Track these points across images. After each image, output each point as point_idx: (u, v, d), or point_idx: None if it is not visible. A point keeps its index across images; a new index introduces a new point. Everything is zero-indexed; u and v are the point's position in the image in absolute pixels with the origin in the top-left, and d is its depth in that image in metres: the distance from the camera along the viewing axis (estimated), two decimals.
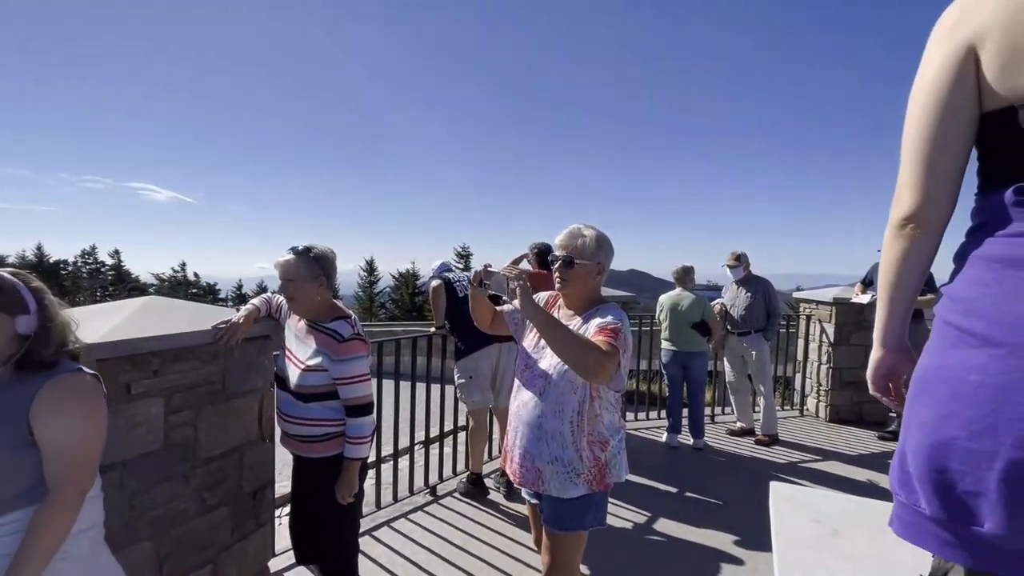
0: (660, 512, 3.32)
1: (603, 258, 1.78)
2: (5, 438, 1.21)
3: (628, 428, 4.87)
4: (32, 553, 1.17)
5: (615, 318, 1.69)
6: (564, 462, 1.69)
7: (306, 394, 1.91)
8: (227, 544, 2.08)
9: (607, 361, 1.57)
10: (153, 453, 1.79)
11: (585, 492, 1.70)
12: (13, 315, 1.24)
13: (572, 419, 1.70)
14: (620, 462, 1.79)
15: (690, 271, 4.67)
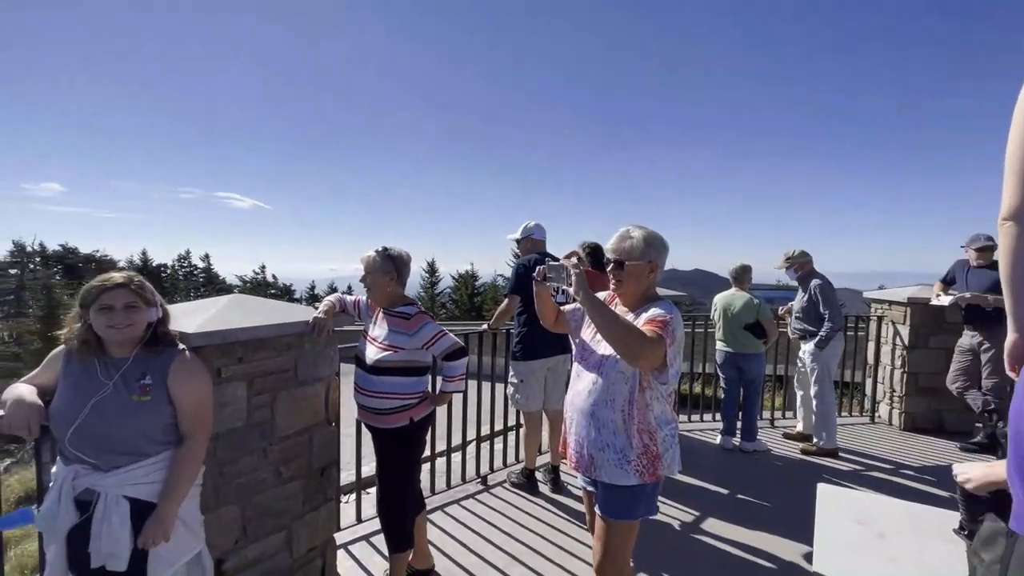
0: (708, 511, 3.31)
1: (654, 257, 1.85)
2: (159, 396, 1.62)
3: (682, 430, 4.82)
4: (182, 478, 1.63)
5: (666, 311, 1.77)
6: (616, 449, 1.77)
7: (380, 368, 2.25)
8: (299, 514, 2.35)
9: (650, 346, 1.65)
10: (238, 429, 2.08)
11: (637, 482, 1.77)
12: (149, 307, 1.64)
13: (624, 408, 1.77)
14: (672, 455, 1.83)
15: (747, 270, 4.54)
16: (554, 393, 3.62)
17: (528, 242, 3.62)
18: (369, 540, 2.91)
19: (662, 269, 1.90)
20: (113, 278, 1.61)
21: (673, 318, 1.75)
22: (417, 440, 2.40)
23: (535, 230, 3.62)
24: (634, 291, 1.87)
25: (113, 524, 1.55)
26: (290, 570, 2.32)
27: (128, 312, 1.58)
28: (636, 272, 1.84)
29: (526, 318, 3.47)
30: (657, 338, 1.67)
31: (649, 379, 1.77)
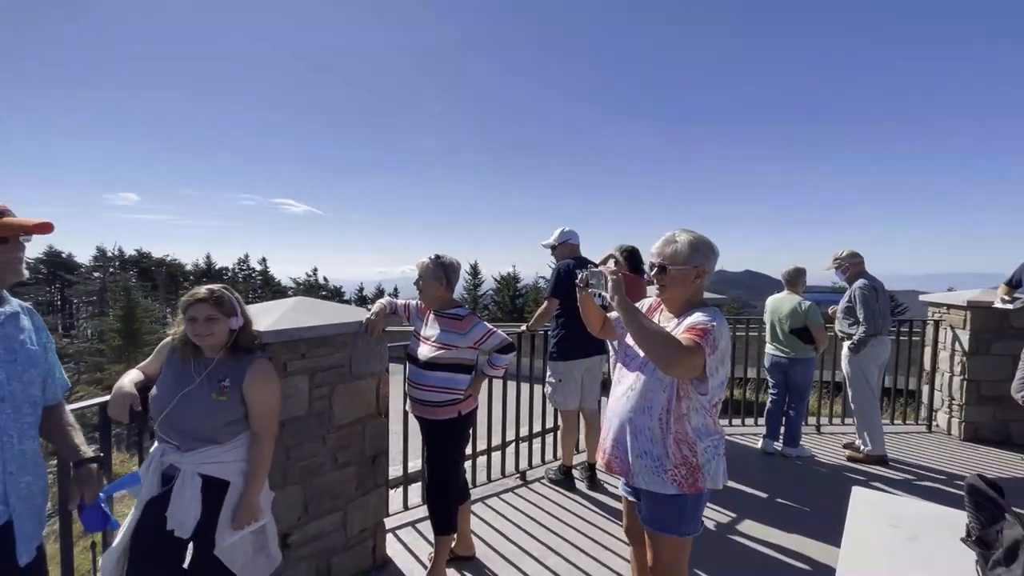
0: (744, 514, 3.32)
1: (701, 262, 1.79)
2: (234, 397, 1.85)
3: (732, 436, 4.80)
4: (256, 474, 1.90)
5: (709, 318, 1.70)
6: (652, 457, 1.74)
7: (433, 364, 2.44)
8: (353, 497, 2.58)
9: (686, 355, 1.60)
10: (301, 417, 2.32)
11: (676, 492, 1.73)
12: (229, 317, 1.87)
13: (661, 416, 1.73)
14: (716, 468, 1.75)
15: (800, 273, 4.41)
16: (590, 393, 3.72)
17: (565, 247, 3.74)
18: (415, 526, 3.12)
19: (710, 275, 1.83)
20: (197, 293, 1.86)
21: (716, 326, 1.67)
22: (463, 432, 2.59)
23: (570, 235, 3.74)
24: (679, 297, 1.82)
25: (186, 496, 1.80)
26: (345, 548, 2.56)
27: (208, 323, 1.82)
28: (681, 277, 1.79)
29: (564, 320, 3.59)
30: (695, 347, 1.62)
31: (687, 388, 1.72)
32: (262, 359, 1.94)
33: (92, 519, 1.53)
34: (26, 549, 1.34)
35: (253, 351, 1.94)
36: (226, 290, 1.90)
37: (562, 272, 3.58)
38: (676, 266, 1.79)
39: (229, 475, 1.86)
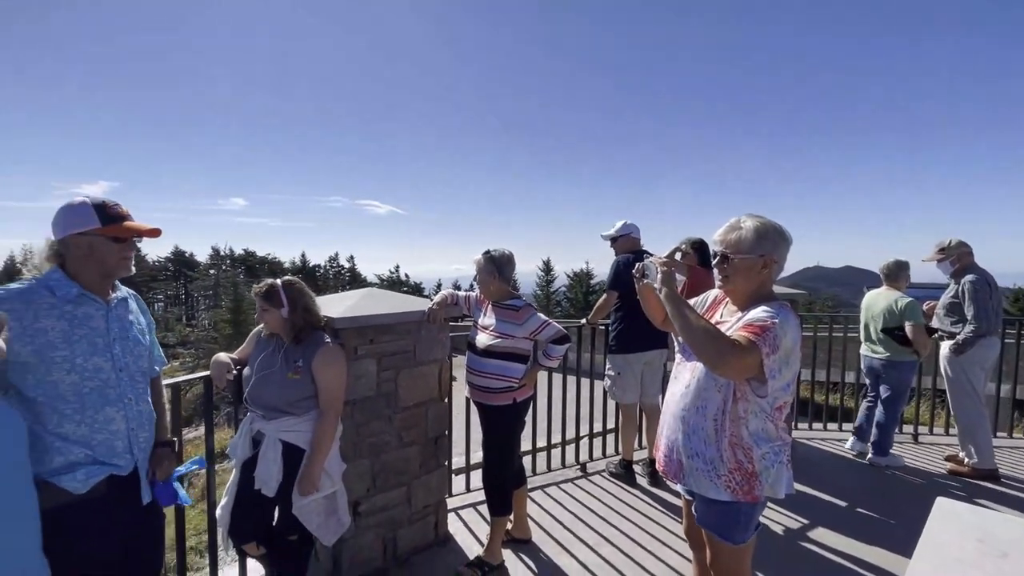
0: (818, 521, 3.12)
1: (769, 250, 1.64)
2: (306, 376, 2.09)
3: (807, 439, 4.52)
4: (319, 448, 2.10)
5: (771, 314, 1.56)
6: (705, 459, 1.65)
7: (490, 352, 2.56)
8: (416, 474, 2.77)
9: (736, 354, 1.48)
10: (369, 398, 2.54)
11: (729, 499, 1.63)
12: (277, 308, 2.11)
13: (716, 417, 1.63)
14: (777, 476, 1.62)
15: (902, 267, 3.99)
16: (651, 387, 3.67)
17: (626, 240, 3.70)
18: (476, 507, 3.27)
19: (780, 265, 1.68)
20: (255, 288, 2.16)
21: (777, 323, 1.53)
22: (519, 419, 2.70)
23: (631, 228, 3.69)
24: (743, 288, 1.68)
25: (269, 459, 2.07)
26: (409, 521, 2.75)
27: (263, 313, 2.13)
28: (745, 267, 1.64)
29: (623, 314, 3.57)
30: (748, 345, 1.49)
31: (745, 390, 1.60)
32: (329, 344, 2.16)
33: (163, 494, 1.70)
34: (146, 492, 1.62)
35: (321, 335, 2.17)
36: (286, 285, 2.14)
37: (621, 265, 3.56)
38: (740, 255, 1.64)
39: (304, 443, 2.10)
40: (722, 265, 1.69)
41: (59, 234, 1.49)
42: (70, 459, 1.43)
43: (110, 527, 1.52)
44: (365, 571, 2.57)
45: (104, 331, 1.53)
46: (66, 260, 1.51)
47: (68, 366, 1.43)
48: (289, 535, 2.17)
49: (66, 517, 1.43)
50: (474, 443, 3.42)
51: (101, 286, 1.55)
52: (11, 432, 1.28)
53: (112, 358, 1.53)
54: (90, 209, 1.49)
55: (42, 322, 1.42)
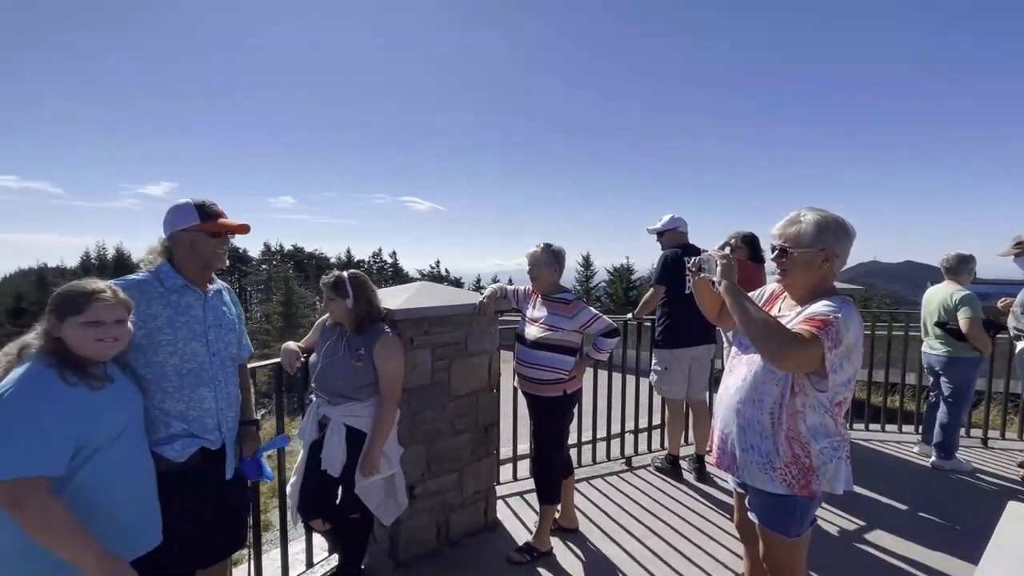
0: (876, 524, 3.03)
1: (830, 244, 1.61)
2: (368, 364, 2.22)
3: (868, 441, 4.37)
4: (378, 432, 2.22)
5: (833, 309, 1.54)
6: (761, 452, 1.64)
7: (541, 344, 2.63)
8: (468, 461, 2.87)
9: (798, 347, 1.47)
10: (424, 386, 2.66)
11: (785, 492, 1.62)
12: (343, 298, 2.23)
13: (773, 411, 1.62)
14: (835, 471, 1.61)
15: (965, 261, 3.78)
16: (698, 383, 3.64)
17: (673, 234, 3.68)
18: (523, 496, 3.36)
19: (842, 259, 1.65)
20: (323, 279, 2.29)
21: (839, 318, 1.51)
22: (567, 410, 2.77)
23: (679, 222, 3.66)
24: (802, 283, 1.66)
25: (334, 442, 2.21)
26: (460, 506, 2.86)
27: (329, 303, 2.26)
28: (805, 261, 1.62)
29: (670, 308, 3.56)
30: (810, 338, 1.48)
31: (804, 384, 1.58)
32: (389, 334, 2.29)
33: (250, 469, 1.88)
34: (230, 467, 1.79)
35: (381, 326, 2.29)
36: (351, 277, 2.27)
37: (669, 259, 3.54)
38: (800, 248, 1.62)
39: (365, 427, 2.24)
40: (780, 259, 1.67)
41: (168, 230, 1.68)
42: (170, 432, 1.61)
43: (201, 494, 1.70)
44: (419, 552, 2.70)
45: (201, 319, 1.70)
46: (173, 254, 1.69)
47: (171, 349, 1.60)
48: (351, 513, 2.31)
49: (166, 482, 1.61)
50: (521, 434, 3.51)
51: (201, 277, 1.72)
52: (138, 404, 1.52)
53: (207, 343, 1.70)
54: (192, 208, 1.66)
55: (152, 309, 1.60)
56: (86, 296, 1.41)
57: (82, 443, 1.36)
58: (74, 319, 1.39)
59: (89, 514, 1.36)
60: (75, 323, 1.39)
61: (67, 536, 1.28)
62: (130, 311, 1.48)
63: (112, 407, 1.43)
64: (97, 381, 1.40)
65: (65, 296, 1.42)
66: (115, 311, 1.44)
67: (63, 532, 1.27)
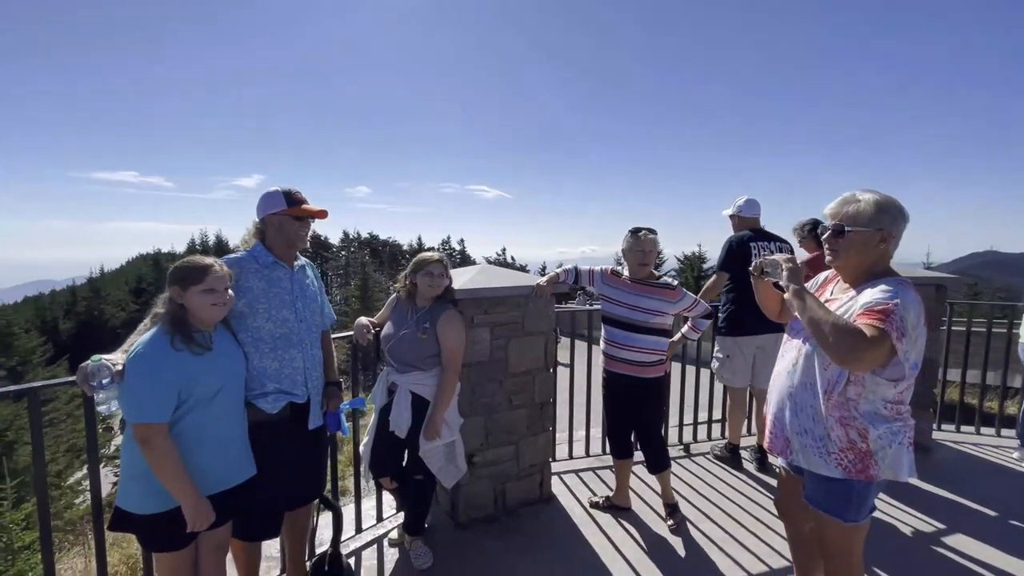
0: (956, 527, 2.84)
1: (887, 224, 1.59)
2: (432, 337, 2.40)
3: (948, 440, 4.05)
4: (441, 400, 2.39)
5: (890, 294, 1.49)
6: (814, 436, 1.63)
7: (647, 328, 2.77)
8: (524, 435, 3.02)
9: (867, 347, 1.42)
10: (483, 362, 2.82)
11: (841, 476, 1.60)
12: (447, 277, 2.44)
13: (827, 394, 1.60)
14: (896, 457, 1.57)
15: None
16: (762, 371, 3.53)
17: (739, 219, 3.57)
18: (578, 474, 3.47)
19: (896, 241, 1.62)
20: (433, 257, 2.47)
21: (899, 303, 1.46)
22: (665, 386, 3.00)
23: (744, 207, 3.55)
24: (857, 264, 1.63)
25: (401, 406, 2.42)
26: (516, 477, 3.02)
27: (439, 278, 2.42)
28: (861, 241, 1.59)
29: (734, 295, 3.47)
30: (878, 335, 1.43)
31: (862, 376, 1.56)
32: (452, 310, 2.47)
33: (331, 422, 2.14)
34: (314, 420, 2.05)
35: (447, 304, 2.48)
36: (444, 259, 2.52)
37: (734, 245, 3.45)
38: (857, 227, 1.59)
39: (429, 395, 2.44)
40: (834, 239, 1.64)
41: (260, 214, 1.94)
42: (265, 388, 1.88)
43: (288, 442, 1.97)
44: (478, 516, 2.89)
45: (289, 290, 1.96)
46: (265, 235, 1.95)
47: (266, 316, 1.87)
48: (416, 474, 2.53)
49: (259, 430, 1.89)
50: (578, 420, 3.61)
51: (287, 255, 1.98)
52: (239, 365, 1.82)
53: (295, 311, 1.95)
54: (280, 195, 1.92)
55: (250, 282, 1.87)
56: (203, 269, 1.69)
57: (183, 398, 1.64)
58: (195, 288, 1.67)
59: (191, 452, 1.66)
60: (196, 291, 1.67)
61: (175, 476, 1.59)
62: (232, 281, 1.75)
63: (209, 370, 1.69)
64: (199, 348, 1.67)
65: (187, 269, 1.70)
66: (224, 281, 1.72)
67: (173, 472, 1.59)
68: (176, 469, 1.60)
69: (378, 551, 2.66)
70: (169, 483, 1.60)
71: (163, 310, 1.69)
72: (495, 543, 2.71)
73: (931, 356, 3.84)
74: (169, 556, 1.71)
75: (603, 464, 3.63)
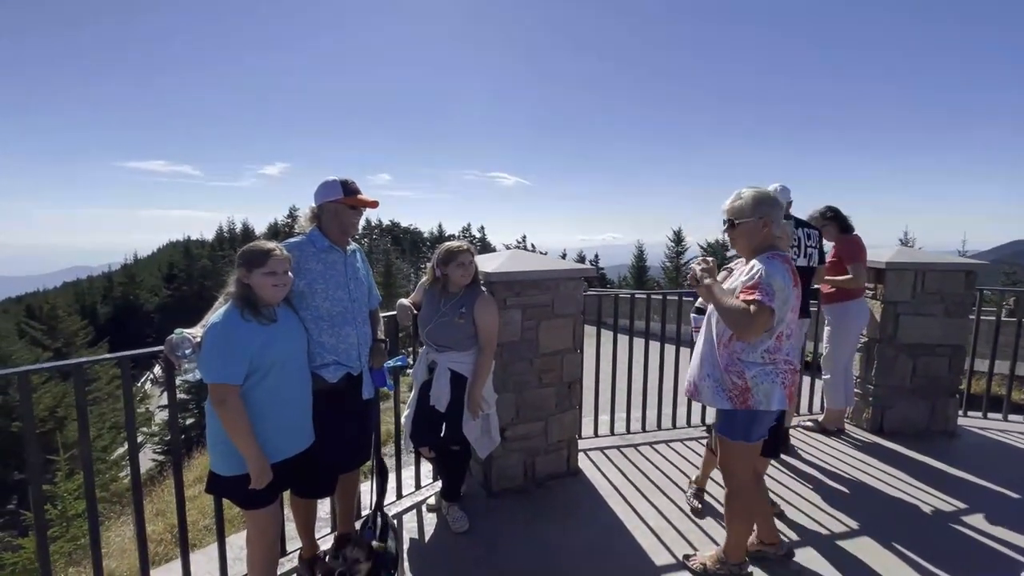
0: (978, 507, 2.91)
1: (765, 212, 2.04)
2: (468, 320, 2.55)
3: (975, 427, 4.07)
4: (478, 377, 2.55)
5: (756, 268, 1.95)
6: (714, 379, 2.13)
7: None
8: (552, 413, 3.17)
9: (752, 320, 1.88)
10: (515, 343, 2.98)
11: (729, 407, 2.09)
12: (472, 263, 2.55)
13: (719, 348, 2.10)
14: (768, 392, 2.03)
15: None
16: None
17: None
18: (604, 451, 3.62)
19: (776, 225, 2.05)
20: (461, 246, 2.59)
21: (763, 273, 1.92)
22: None
23: (780, 194, 3.60)
24: (747, 245, 2.09)
25: (441, 382, 2.59)
26: (545, 452, 3.19)
27: (468, 265, 2.55)
28: (748, 229, 2.07)
29: None
30: (756, 307, 1.88)
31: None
32: (486, 295, 2.62)
33: (377, 378, 2.34)
34: (367, 390, 2.24)
35: (479, 288, 2.63)
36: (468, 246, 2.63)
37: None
38: (743, 219, 2.06)
39: (466, 372, 2.60)
40: (730, 229, 2.12)
41: (317, 201, 2.11)
42: (325, 360, 2.07)
43: (345, 410, 2.16)
44: (509, 486, 3.07)
45: (343, 272, 2.13)
46: (321, 221, 2.12)
47: (324, 295, 2.05)
48: (453, 445, 2.71)
49: (322, 397, 2.09)
50: (603, 402, 3.75)
51: (341, 240, 2.15)
52: (301, 339, 2.01)
53: (348, 292, 2.13)
54: (338, 185, 2.08)
55: (309, 264, 2.05)
56: (266, 253, 1.87)
57: (255, 366, 1.84)
58: (259, 270, 1.85)
59: (265, 418, 1.86)
60: (260, 273, 1.85)
61: (244, 434, 1.79)
62: (292, 264, 1.92)
63: (275, 340, 1.88)
64: (266, 319, 1.87)
65: (251, 253, 1.88)
66: (284, 264, 1.89)
67: (242, 431, 1.78)
68: (245, 428, 1.79)
69: (417, 515, 2.86)
70: (238, 440, 1.79)
71: (233, 289, 1.88)
72: (525, 511, 2.88)
73: (958, 342, 3.86)
74: (258, 514, 1.93)
75: (627, 443, 3.77)
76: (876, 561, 2.46)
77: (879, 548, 2.56)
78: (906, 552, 2.52)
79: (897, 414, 3.92)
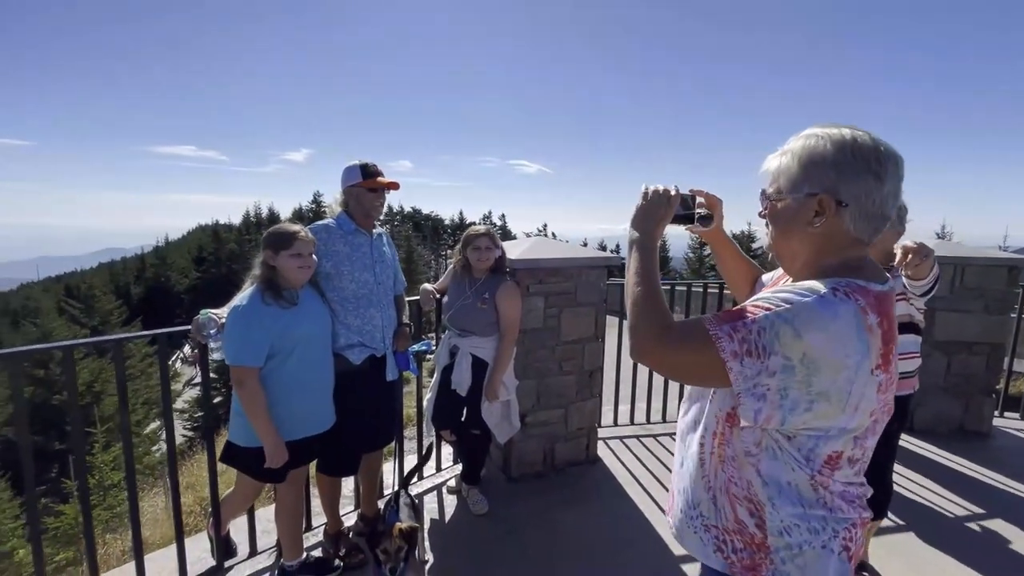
0: (997, 513, 2.81)
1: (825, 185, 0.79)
2: (491, 306, 2.56)
3: (1012, 428, 3.93)
4: (499, 364, 2.55)
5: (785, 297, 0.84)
6: (690, 502, 1.03)
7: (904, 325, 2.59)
8: (572, 400, 3.18)
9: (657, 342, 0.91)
10: (537, 329, 2.98)
11: (721, 569, 0.98)
12: (497, 248, 2.58)
13: (704, 441, 0.99)
14: (813, 565, 0.90)
15: None
16: None
17: None
18: (623, 440, 3.62)
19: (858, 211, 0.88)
20: (479, 230, 2.62)
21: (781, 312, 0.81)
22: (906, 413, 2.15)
23: None
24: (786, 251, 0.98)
25: (462, 367, 2.61)
26: (564, 439, 3.20)
27: (487, 251, 2.56)
28: (786, 215, 0.94)
29: None
30: (699, 338, 0.86)
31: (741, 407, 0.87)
32: (510, 282, 2.63)
33: (401, 361, 2.38)
34: (391, 372, 2.28)
35: (505, 274, 2.63)
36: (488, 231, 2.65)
37: None
38: (778, 194, 0.95)
39: (488, 358, 2.62)
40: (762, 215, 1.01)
41: (343, 186, 2.14)
42: (350, 341, 2.11)
43: (369, 390, 2.21)
44: (528, 472, 3.10)
45: (369, 255, 2.17)
46: (347, 205, 2.15)
47: (350, 277, 2.09)
48: (473, 429, 2.74)
49: (345, 378, 2.13)
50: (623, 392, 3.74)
51: (366, 223, 2.18)
52: (326, 321, 2.04)
53: (374, 274, 2.17)
54: (357, 169, 2.11)
55: (336, 247, 2.08)
56: (291, 235, 1.90)
57: (276, 348, 1.88)
58: (285, 252, 1.89)
59: (283, 397, 1.91)
60: (286, 255, 1.89)
61: (260, 416, 1.84)
62: (316, 247, 1.96)
63: (296, 323, 1.91)
64: (287, 303, 1.90)
65: (277, 235, 1.92)
66: (309, 246, 1.93)
67: (258, 412, 1.83)
68: (261, 410, 1.84)
69: (438, 497, 2.92)
70: (254, 421, 1.85)
71: (258, 272, 1.92)
72: (544, 496, 2.91)
73: (997, 341, 3.72)
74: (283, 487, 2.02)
75: (647, 432, 3.76)
76: (901, 561, 2.42)
77: (905, 546, 2.51)
78: (932, 554, 2.47)
79: (928, 412, 3.81)
